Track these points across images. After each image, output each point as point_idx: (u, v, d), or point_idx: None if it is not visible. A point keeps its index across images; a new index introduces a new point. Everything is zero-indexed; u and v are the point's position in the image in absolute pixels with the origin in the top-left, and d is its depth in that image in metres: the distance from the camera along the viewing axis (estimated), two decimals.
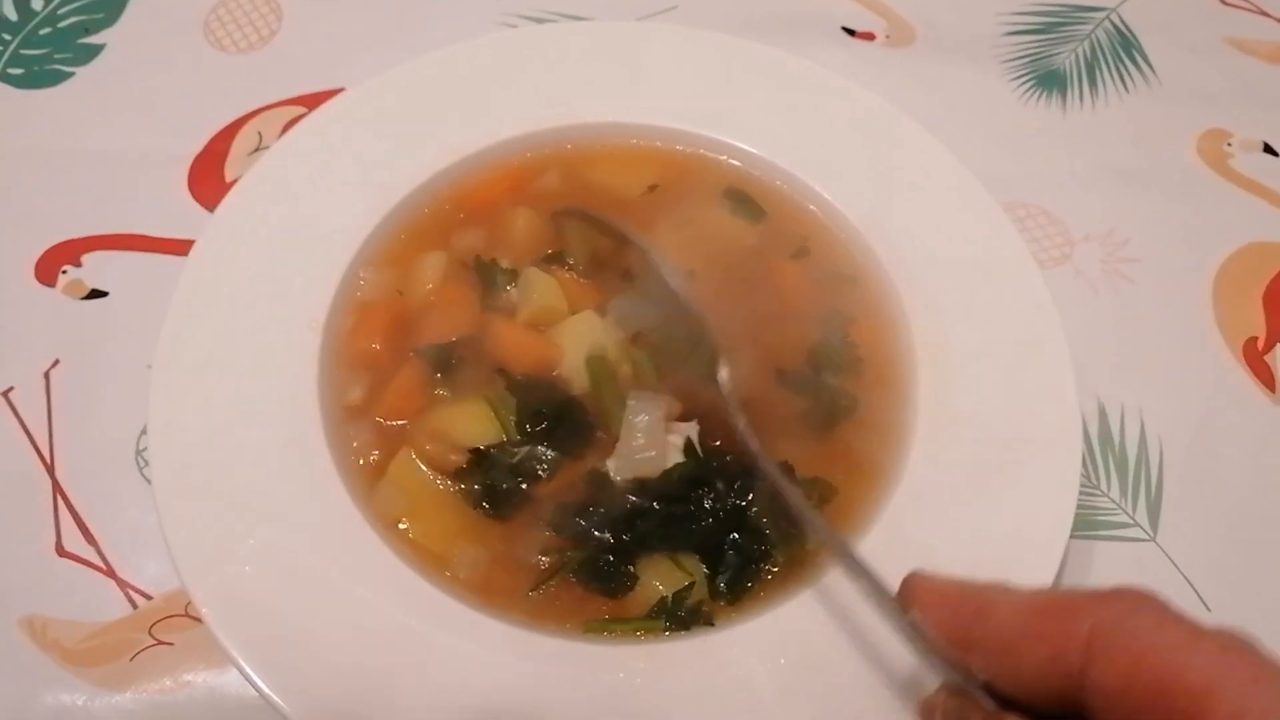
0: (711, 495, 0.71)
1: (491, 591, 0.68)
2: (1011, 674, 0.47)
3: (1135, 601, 0.45)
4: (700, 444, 0.73)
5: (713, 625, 0.68)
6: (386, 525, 0.70)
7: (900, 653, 0.56)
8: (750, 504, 0.71)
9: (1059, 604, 0.46)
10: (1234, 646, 0.42)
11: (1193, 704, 0.40)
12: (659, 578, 0.69)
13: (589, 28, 0.94)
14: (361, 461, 0.73)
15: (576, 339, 0.77)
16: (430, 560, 0.69)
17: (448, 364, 0.77)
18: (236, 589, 0.65)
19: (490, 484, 0.72)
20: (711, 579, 0.70)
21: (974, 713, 0.49)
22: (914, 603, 0.52)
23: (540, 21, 1.03)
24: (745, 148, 0.86)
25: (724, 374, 0.70)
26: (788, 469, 0.72)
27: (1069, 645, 0.44)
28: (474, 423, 0.74)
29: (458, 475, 0.72)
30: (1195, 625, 0.43)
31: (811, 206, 0.85)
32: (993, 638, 0.47)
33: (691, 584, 0.69)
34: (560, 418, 0.74)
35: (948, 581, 0.51)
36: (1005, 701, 0.48)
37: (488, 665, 0.64)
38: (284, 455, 0.70)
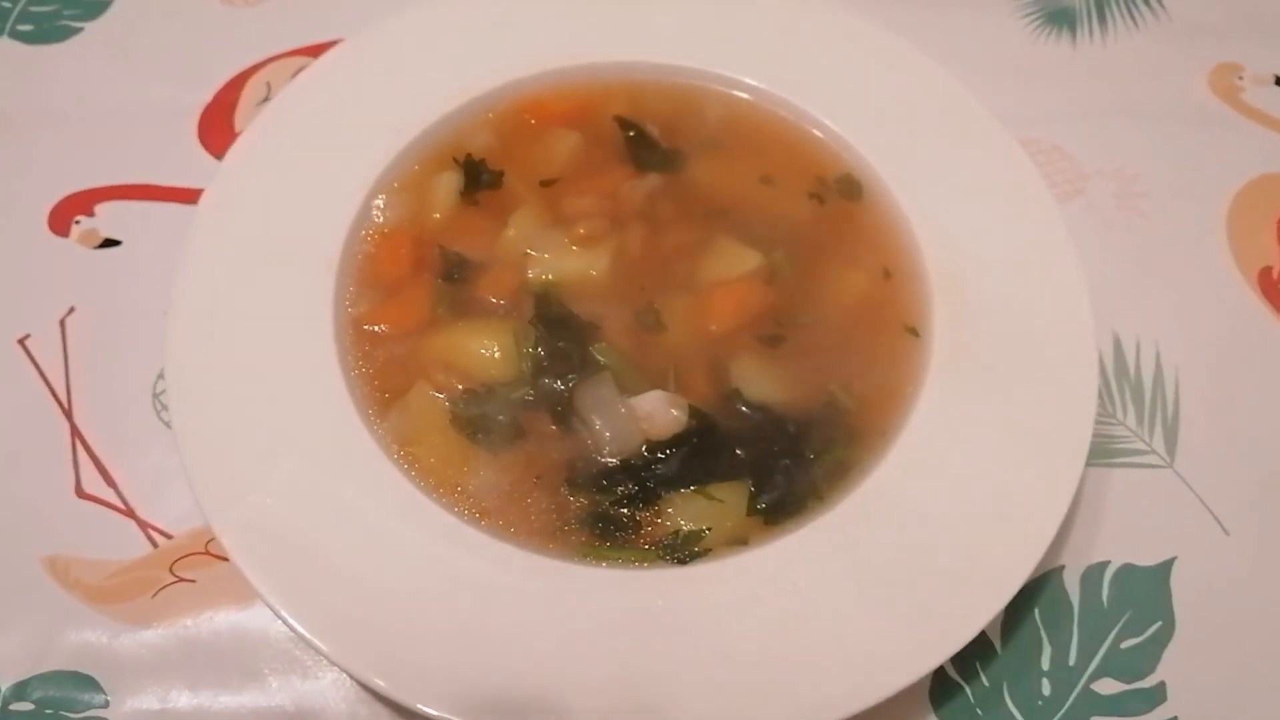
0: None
1: (508, 519, 0.69)
2: None
3: None
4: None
5: (746, 544, 0.68)
6: (403, 453, 0.70)
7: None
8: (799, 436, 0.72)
9: None
10: None
11: None
12: (686, 513, 0.69)
13: None
14: (378, 392, 0.73)
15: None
16: (446, 487, 0.69)
17: (456, 276, 0.78)
18: (258, 521, 0.65)
19: (484, 414, 0.72)
20: (754, 497, 0.70)
21: None
22: None
23: None
24: (753, 82, 0.86)
25: None
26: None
27: None
28: (488, 353, 0.74)
29: (454, 403, 0.73)
30: None
31: (820, 135, 0.85)
32: None
33: (707, 530, 0.69)
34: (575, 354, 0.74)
35: None
36: None
37: (506, 590, 0.64)
38: (300, 390, 0.71)
